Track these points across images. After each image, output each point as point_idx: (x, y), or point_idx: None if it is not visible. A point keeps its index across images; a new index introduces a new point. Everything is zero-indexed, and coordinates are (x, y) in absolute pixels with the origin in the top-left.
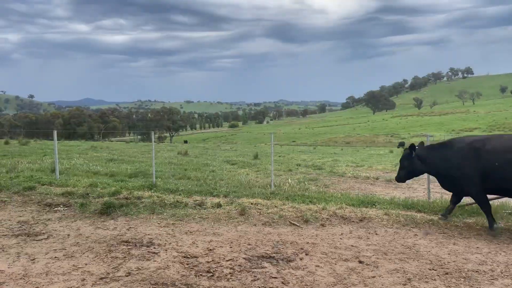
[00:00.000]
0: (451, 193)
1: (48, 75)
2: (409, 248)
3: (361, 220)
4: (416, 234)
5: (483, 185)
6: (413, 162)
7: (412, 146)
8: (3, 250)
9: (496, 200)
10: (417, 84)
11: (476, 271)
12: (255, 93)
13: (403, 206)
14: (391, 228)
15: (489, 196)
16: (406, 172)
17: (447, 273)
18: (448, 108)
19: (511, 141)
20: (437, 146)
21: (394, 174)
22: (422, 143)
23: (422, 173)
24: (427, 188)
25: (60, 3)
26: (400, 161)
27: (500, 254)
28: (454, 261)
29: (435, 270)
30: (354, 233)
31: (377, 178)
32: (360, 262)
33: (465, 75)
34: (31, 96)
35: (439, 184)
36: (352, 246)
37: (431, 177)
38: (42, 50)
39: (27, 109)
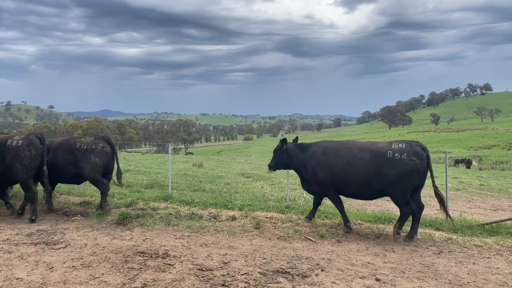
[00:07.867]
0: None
1: (67, 86)
2: (427, 267)
3: (377, 237)
4: (434, 253)
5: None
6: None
7: (283, 140)
8: (22, 258)
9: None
10: (434, 99)
11: None
12: (270, 106)
13: (421, 223)
14: (409, 245)
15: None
16: (276, 162)
17: None
18: (466, 125)
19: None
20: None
21: None
22: (296, 138)
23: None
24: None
25: (74, 17)
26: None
27: None
28: (474, 282)
29: None
30: (371, 250)
31: None
32: (377, 280)
33: (484, 91)
34: (51, 107)
35: (458, 203)
36: (368, 263)
37: (450, 194)
38: (58, 62)
39: (47, 119)
